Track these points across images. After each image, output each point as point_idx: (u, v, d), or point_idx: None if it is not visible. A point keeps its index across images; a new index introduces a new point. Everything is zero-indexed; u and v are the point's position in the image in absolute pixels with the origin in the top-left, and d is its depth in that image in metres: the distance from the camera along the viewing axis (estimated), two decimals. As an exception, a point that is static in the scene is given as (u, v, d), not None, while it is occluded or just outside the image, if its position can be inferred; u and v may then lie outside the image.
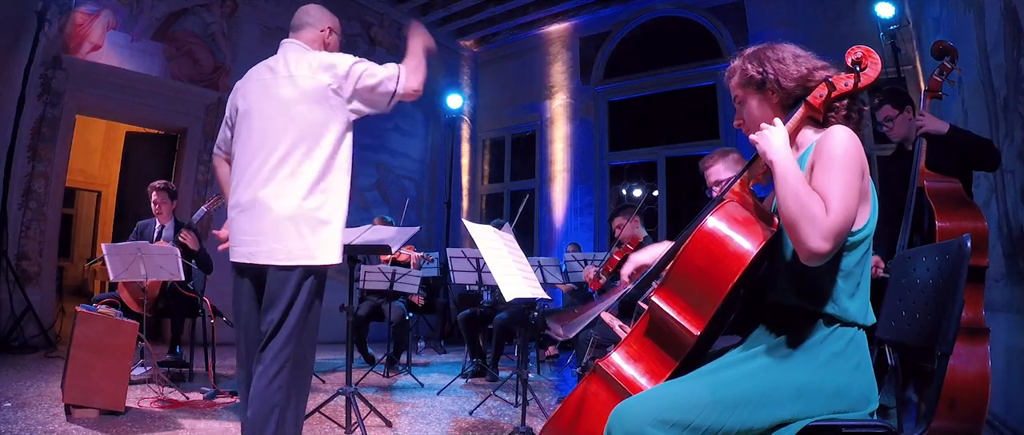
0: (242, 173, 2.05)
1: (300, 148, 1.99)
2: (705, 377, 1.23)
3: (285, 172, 1.98)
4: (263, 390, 1.89)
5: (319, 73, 2.02)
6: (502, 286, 2.77)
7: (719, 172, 2.33)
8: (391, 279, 4.69)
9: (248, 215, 2.00)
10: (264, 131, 2.02)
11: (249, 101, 2.10)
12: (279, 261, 1.95)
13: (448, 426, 3.23)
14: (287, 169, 1.98)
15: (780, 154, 1.23)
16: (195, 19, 6.36)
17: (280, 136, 1.99)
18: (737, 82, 1.41)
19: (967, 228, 2.20)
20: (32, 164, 5.22)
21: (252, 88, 2.12)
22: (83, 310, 3.00)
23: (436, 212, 8.79)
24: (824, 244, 1.12)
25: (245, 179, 2.02)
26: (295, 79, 2.03)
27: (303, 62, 2.06)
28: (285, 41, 2.20)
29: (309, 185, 1.98)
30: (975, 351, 2.07)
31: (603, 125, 8.28)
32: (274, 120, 2.02)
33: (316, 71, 2.03)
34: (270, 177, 1.98)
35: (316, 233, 1.98)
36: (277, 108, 2.02)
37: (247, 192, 2.01)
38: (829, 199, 1.15)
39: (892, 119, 2.76)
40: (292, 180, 1.97)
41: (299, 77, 2.03)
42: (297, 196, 1.97)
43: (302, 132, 1.99)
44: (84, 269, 9.98)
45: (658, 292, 1.28)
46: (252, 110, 2.07)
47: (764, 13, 6.88)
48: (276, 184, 1.97)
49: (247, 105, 2.10)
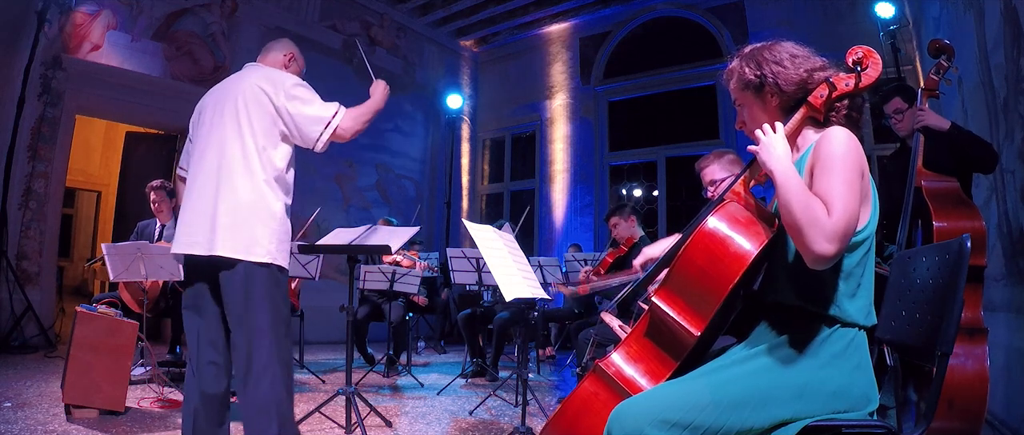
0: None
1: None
2: (705, 377, 1.23)
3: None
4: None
5: (263, 82, 2.08)
6: (502, 286, 2.77)
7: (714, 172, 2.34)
8: (391, 279, 4.69)
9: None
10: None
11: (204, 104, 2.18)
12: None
13: (448, 426, 3.23)
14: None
15: (781, 163, 1.23)
16: (195, 19, 6.36)
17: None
18: (735, 85, 1.40)
19: (965, 228, 2.19)
20: (32, 164, 5.22)
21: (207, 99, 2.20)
22: (83, 310, 3.00)
23: (436, 212, 8.80)
24: (829, 247, 1.12)
25: None
26: (242, 82, 2.11)
27: (256, 72, 2.15)
28: (248, 64, 2.26)
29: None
30: (974, 351, 2.07)
31: (603, 125, 8.28)
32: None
33: (260, 80, 2.08)
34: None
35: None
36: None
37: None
38: (831, 202, 1.15)
39: (902, 112, 2.75)
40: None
41: (244, 81, 2.11)
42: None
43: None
44: (84, 269, 9.98)
45: (658, 292, 1.28)
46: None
47: (764, 13, 6.88)
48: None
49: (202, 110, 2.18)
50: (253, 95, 2.05)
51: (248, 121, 2.02)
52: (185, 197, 2.09)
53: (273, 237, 1.99)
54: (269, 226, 1.99)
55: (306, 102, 2.07)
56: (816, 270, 1.23)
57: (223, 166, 1.98)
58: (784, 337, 1.26)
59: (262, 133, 2.03)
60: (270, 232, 1.98)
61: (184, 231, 2.01)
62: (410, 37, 8.59)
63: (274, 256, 1.98)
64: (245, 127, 2.01)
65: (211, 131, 2.06)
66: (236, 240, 1.93)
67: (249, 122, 2.02)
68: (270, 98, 2.04)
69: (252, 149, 2.00)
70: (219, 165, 1.99)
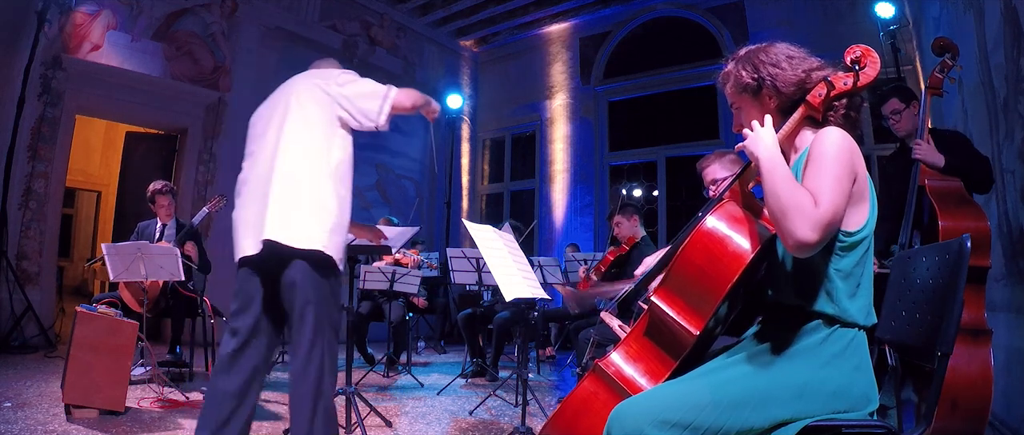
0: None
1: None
2: (705, 377, 1.23)
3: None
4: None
5: (314, 78, 2.13)
6: (502, 286, 2.77)
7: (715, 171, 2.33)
8: (391, 279, 4.69)
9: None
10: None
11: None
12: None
13: (448, 426, 3.23)
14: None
15: (767, 150, 1.23)
16: (195, 19, 6.36)
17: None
18: (732, 89, 1.39)
19: (970, 227, 2.19)
20: (32, 164, 5.23)
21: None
22: (83, 310, 3.00)
23: (436, 212, 8.80)
24: (813, 235, 1.12)
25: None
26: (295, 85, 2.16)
27: (305, 75, 2.20)
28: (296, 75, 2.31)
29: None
30: (977, 352, 2.07)
31: (603, 125, 8.28)
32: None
33: (312, 77, 2.14)
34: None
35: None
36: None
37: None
38: (818, 194, 1.15)
39: (899, 112, 2.75)
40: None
41: (295, 84, 2.16)
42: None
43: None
44: (84, 269, 9.98)
45: (658, 292, 1.28)
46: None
47: (764, 13, 6.88)
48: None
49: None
50: (308, 91, 2.09)
51: (304, 117, 2.05)
52: (240, 204, 2.06)
53: (326, 228, 1.97)
54: (321, 216, 1.98)
55: (358, 82, 2.12)
56: (817, 270, 1.23)
57: (281, 162, 1.99)
58: (784, 337, 1.26)
59: (321, 126, 2.05)
60: (322, 223, 1.97)
61: (243, 234, 2.00)
62: (410, 37, 8.58)
63: (327, 247, 1.96)
64: (308, 119, 2.04)
65: (266, 133, 2.07)
66: (298, 229, 1.92)
67: (305, 118, 2.05)
68: (323, 89, 2.08)
69: (311, 143, 2.02)
70: (276, 162, 1.99)
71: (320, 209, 1.97)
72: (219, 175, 6.42)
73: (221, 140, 6.45)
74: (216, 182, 6.34)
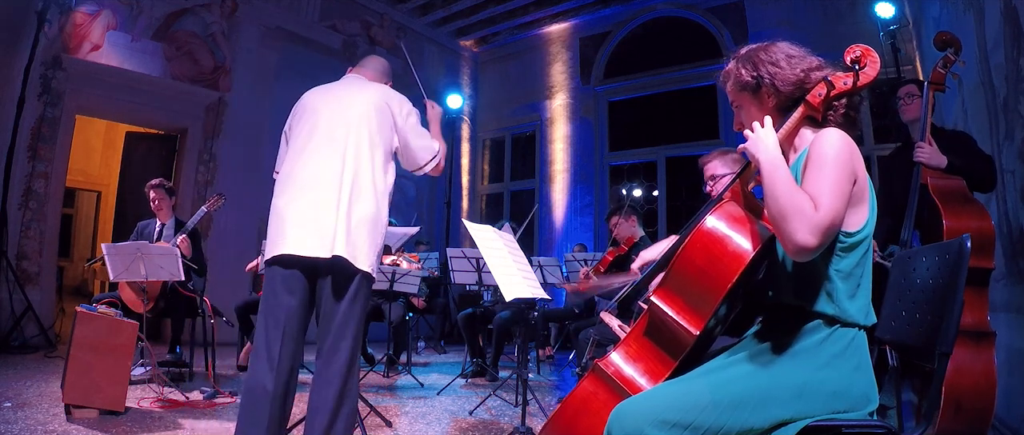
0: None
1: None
2: (705, 377, 1.23)
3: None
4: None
5: (389, 99, 2.20)
6: (502, 286, 2.77)
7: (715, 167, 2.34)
8: (391, 279, 4.69)
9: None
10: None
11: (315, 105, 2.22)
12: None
13: (448, 426, 3.23)
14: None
15: (768, 153, 1.23)
16: (195, 19, 6.36)
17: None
18: (732, 87, 1.39)
19: (973, 227, 2.19)
20: (32, 164, 5.23)
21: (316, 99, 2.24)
22: (83, 310, 3.00)
23: (436, 212, 8.80)
24: (812, 239, 1.12)
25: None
26: (364, 94, 2.20)
27: (375, 88, 2.25)
28: (355, 75, 2.37)
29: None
30: (981, 355, 2.07)
31: (603, 125, 8.28)
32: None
33: (386, 97, 2.20)
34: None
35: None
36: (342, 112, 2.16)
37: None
38: (818, 197, 1.15)
39: (913, 95, 2.72)
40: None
41: (365, 92, 2.20)
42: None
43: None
44: (84, 269, 9.98)
45: (657, 292, 1.28)
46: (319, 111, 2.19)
47: (764, 13, 6.88)
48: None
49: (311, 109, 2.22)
50: (380, 111, 2.14)
51: (379, 134, 2.12)
52: (296, 196, 2.03)
53: (379, 252, 2.12)
54: (379, 242, 2.11)
55: (421, 134, 2.24)
56: (817, 271, 1.23)
57: (357, 176, 2.05)
58: (784, 337, 1.26)
59: (384, 149, 2.13)
60: (378, 247, 2.11)
61: (300, 234, 1.98)
62: (410, 37, 8.58)
63: (375, 268, 2.09)
64: (376, 140, 2.10)
65: (332, 137, 2.08)
66: (360, 250, 2.00)
67: (380, 135, 2.12)
68: (394, 117, 2.16)
69: (378, 165, 2.10)
70: (352, 174, 2.04)
71: (379, 234, 2.09)
72: (219, 175, 6.42)
73: (221, 140, 6.46)
74: (216, 182, 6.34)
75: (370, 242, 2.04)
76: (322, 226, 1.98)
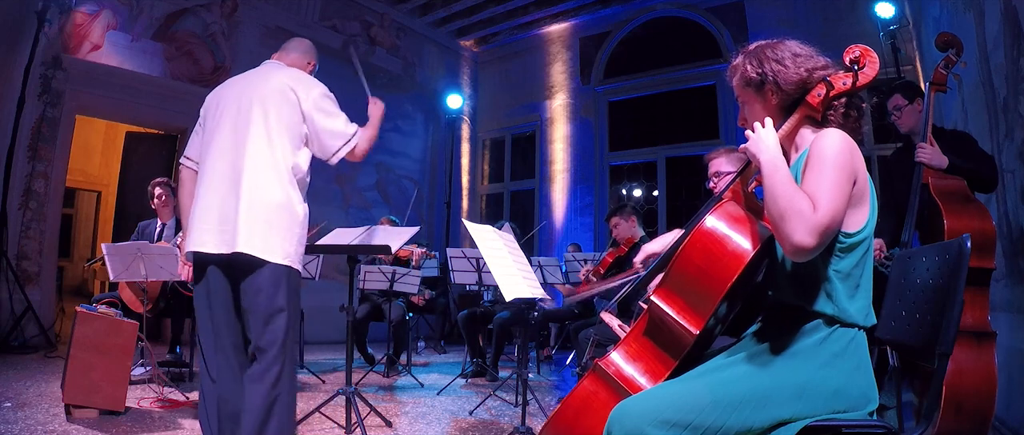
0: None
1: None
2: (705, 376, 1.23)
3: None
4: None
5: (294, 83, 2.09)
6: (502, 286, 2.76)
7: (721, 164, 2.34)
8: (391, 279, 4.69)
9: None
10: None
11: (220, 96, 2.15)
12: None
13: (448, 426, 3.23)
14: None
15: (768, 153, 1.23)
16: (195, 19, 6.36)
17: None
18: (738, 82, 1.40)
19: (975, 227, 2.19)
20: (32, 164, 5.23)
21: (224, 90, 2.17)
22: (83, 310, 3.00)
23: (436, 212, 8.79)
24: (810, 240, 1.12)
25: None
26: (268, 80, 2.10)
27: (283, 72, 2.14)
28: (269, 61, 2.28)
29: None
30: (982, 356, 2.07)
31: (603, 125, 8.28)
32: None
33: (290, 80, 2.10)
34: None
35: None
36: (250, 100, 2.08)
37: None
38: (817, 197, 1.15)
39: (901, 108, 2.73)
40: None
41: (270, 77, 2.11)
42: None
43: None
44: (84, 269, 9.98)
45: (657, 291, 1.28)
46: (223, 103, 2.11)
47: (764, 13, 6.88)
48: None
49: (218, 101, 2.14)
50: (283, 95, 2.04)
51: (278, 121, 2.01)
52: (201, 191, 2.01)
53: (296, 240, 2.00)
54: (293, 229, 1.99)
55: (331, 115, 2.10)
56: (817, 271, 1.23)
57: (250, 164, 1.95)
58: (784, 337, 1.26)
59: (289, 135, 2.03)
60: (294, 235, 1.98)
61: (202, 228, 1.95)
62: (410, 37, 8.58)
63: (294, 260, 1.99)
64: (274, 126, 2.00)
65: (235, 126, 2.02)
66: (264, 240, 1.91)
67: (280, 121, 2.01)
68: (300, 101, 2.05)
69: (280, 150, 2.00)
70: (245, 162, 1.96)
71: (292, 221, 1.98)
72: (219, 175, 6.40)
73: (221, 140, 6.44)
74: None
75: (277, 230, 1.93)
76: (222, 220, 1.93)
